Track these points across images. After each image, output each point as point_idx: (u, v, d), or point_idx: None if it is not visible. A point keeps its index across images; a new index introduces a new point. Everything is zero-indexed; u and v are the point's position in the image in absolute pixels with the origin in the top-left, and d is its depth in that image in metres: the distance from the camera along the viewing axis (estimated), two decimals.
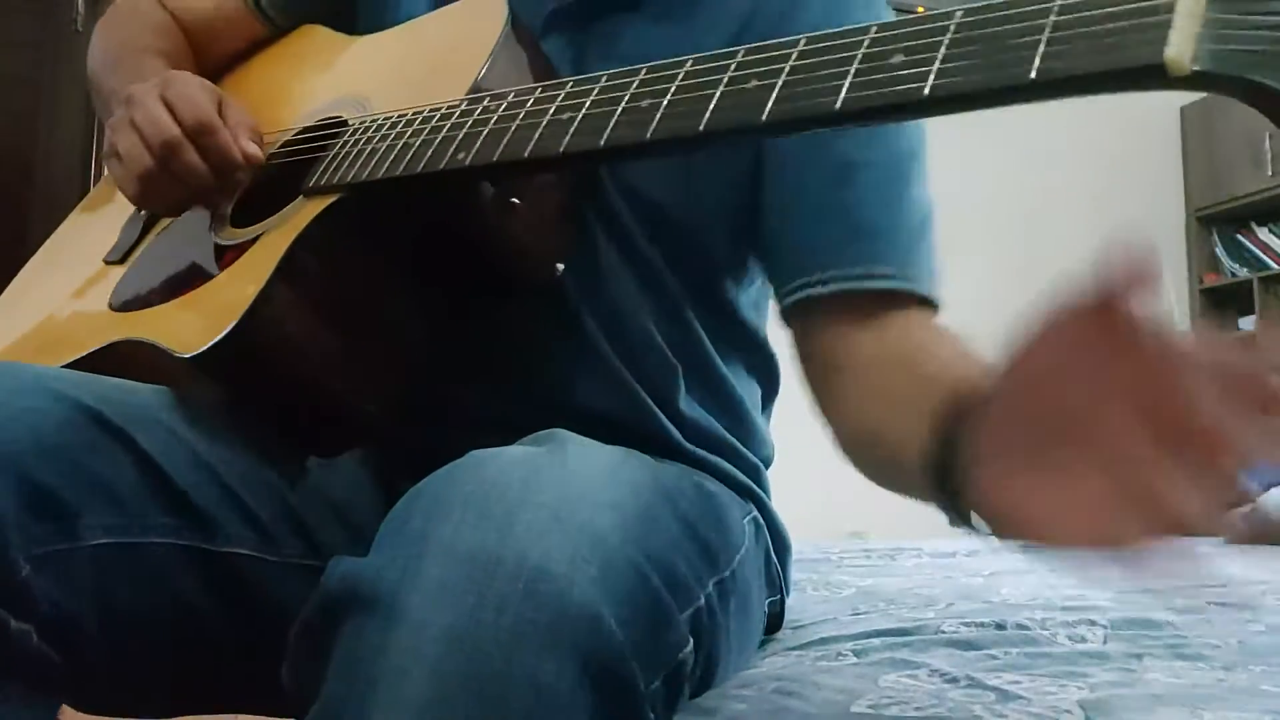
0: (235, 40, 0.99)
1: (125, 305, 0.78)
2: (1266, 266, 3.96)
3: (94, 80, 0.95)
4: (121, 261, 0.83)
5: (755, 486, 0.85)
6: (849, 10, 0.76)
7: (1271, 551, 1.83)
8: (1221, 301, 4.17)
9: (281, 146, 0.82)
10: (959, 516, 0.50)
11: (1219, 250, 4.19)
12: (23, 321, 0.89)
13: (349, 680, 0.46)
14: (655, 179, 0.77)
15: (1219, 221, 4.18)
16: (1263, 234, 4.04)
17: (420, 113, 0.68)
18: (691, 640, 0.56)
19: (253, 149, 0.75)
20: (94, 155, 2.83)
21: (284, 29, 0.98)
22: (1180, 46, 0.39)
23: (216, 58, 0.99)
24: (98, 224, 0.81)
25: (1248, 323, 3.99)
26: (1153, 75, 0.40)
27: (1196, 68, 0.39)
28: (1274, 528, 1.90)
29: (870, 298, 0.70)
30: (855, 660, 0.81)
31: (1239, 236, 4.13)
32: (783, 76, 0.51)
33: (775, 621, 0.92)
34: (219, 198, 0.78)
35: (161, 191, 0.76)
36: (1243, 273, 4.06)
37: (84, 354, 0.73)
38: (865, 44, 0.50)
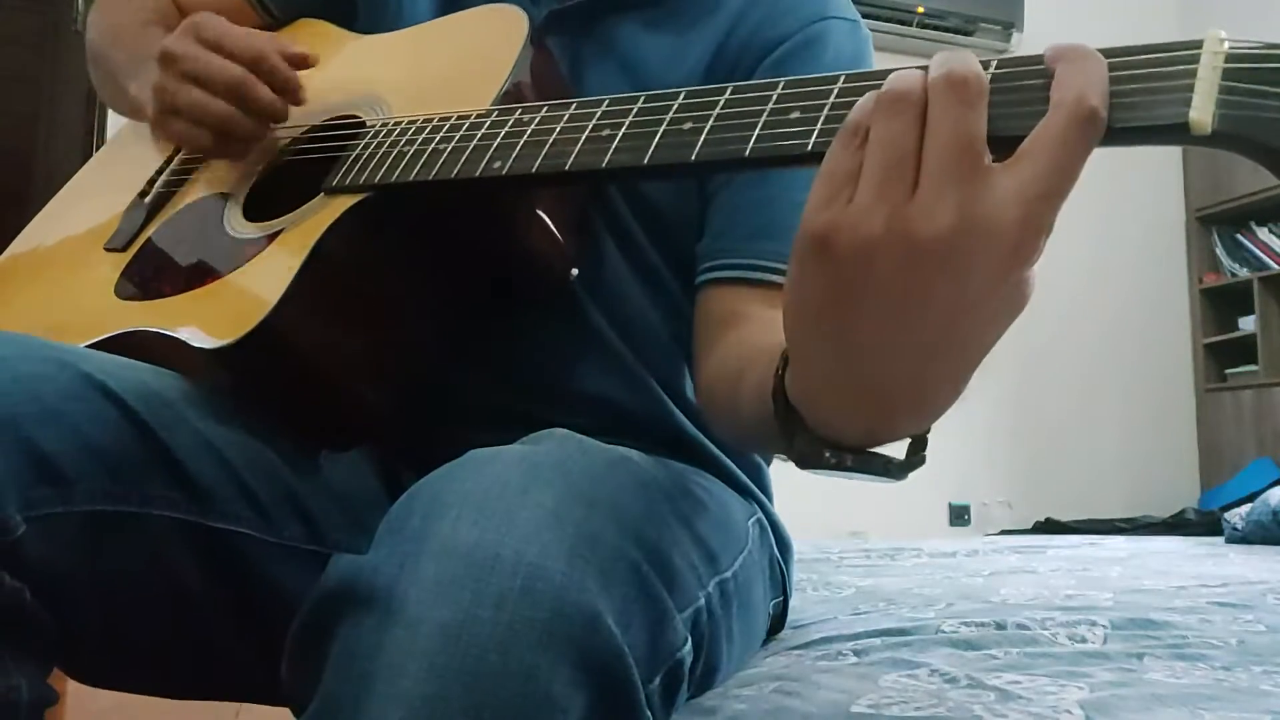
0: None
1: (134, 295, 0.78)
2: (1266, 266, 3.96)
3: (95, 56, 0.94)
4: (124, 249, 0.83)
5: (756, 487, 0.86)
6: (818, 23, 0.80)
7: (1271, 551, 1.83)
8: (1221, 301, 4.17)
9: (291, 143, 0.82)
10: (793, 438, 0.52)
11: (1219, 250, 4.19)
12: (17, 307, 0.89)
13: (346, 677, 0.46)
14: None
15: (1219, 221, 4.19)
16: (1263, 234, 4.04)
17: (448, 119, 0.69)
18: (690, 640, 0.56)
19: (303, 52, 0.77)
20: (94, 153, 2.83)
21: (282, 22, 0.98)
22: (1201, 110, 0.42)
23: None
24: (90, 210, 0.80)
25: (1248, 323, 3.99)
26: (1176, 133, 0.43)
27: (1216, 128, 0.42)
28: None
29: (765, 286, 0.74)
30: (855, 660, 0.81)
31: (1239, 236, 4.14)
32: (825, 110, 0.52)
33: (778, 622, 0.92)
34: (278, 121, 0.79)
35: (238, 133, 0.76)
36: (1243, 273, 4.06)
37: (90, 342, 0.73)
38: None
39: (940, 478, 3.70)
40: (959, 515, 3.82)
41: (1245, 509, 2.11)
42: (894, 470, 0.50)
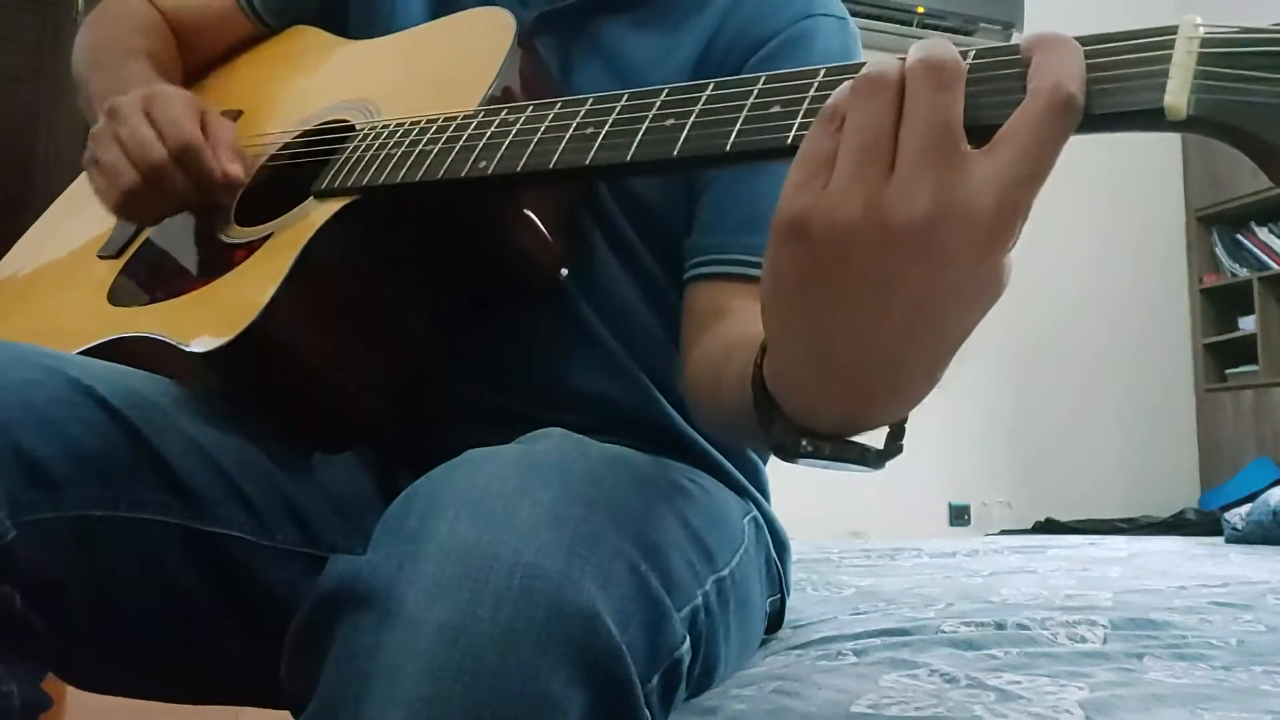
0: (225, 38, 0.99)
1: (127, 300, 0.78)
2: (1266, 266, 3.96)
3: (78, 78, 0.94)
4: (118, 256, 0.83)
5: (753, 487, 0.86)
6: (805, 19, 0.80)
7: (1271, 551, 1.83)
8: (1221, 301, 4.17)
9: (283, 148, 0.82)
10: (774, 427, 0.51)
11: (1219, 250, 4.19)
12: (10, 313, 0.89)
13: (345, 677, 0.45)
14: None
15: (1219, 221, 4.19)
16: (1263, 234, 4.04)
17: (435, 121, 0.69)
18: (688, 638, 0.56)
19: (235, 169, 0.76)
20: None
21: (275, 30, 0.98)
22: (1177, 94, 0.42)
23: (204, 55, 0.99)
24: (85, 218, 0.81)
25: (1248, 323, 3.99)
26: (1153, 118, 0.43)
27: (1191, 113, 0.42)
28: None
29: (750, 280, 0.74)
30: (855, 660, 0.81)
31: (1239, 236, 4.14)
32: (805, 104, 0.52)
33: (776, 620, 0.92)
34: (199, 210, 0.78)
35: (142, 206, 0.76)
36: (1243, 273, 4.06)
37: (86, 347, 0.73)
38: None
39: (940, 478, 3.70)
40: (959, 515, 3.82)
41: (1245, 509, 2.11)
42: (871, 459, 0.50)
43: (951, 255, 0.41)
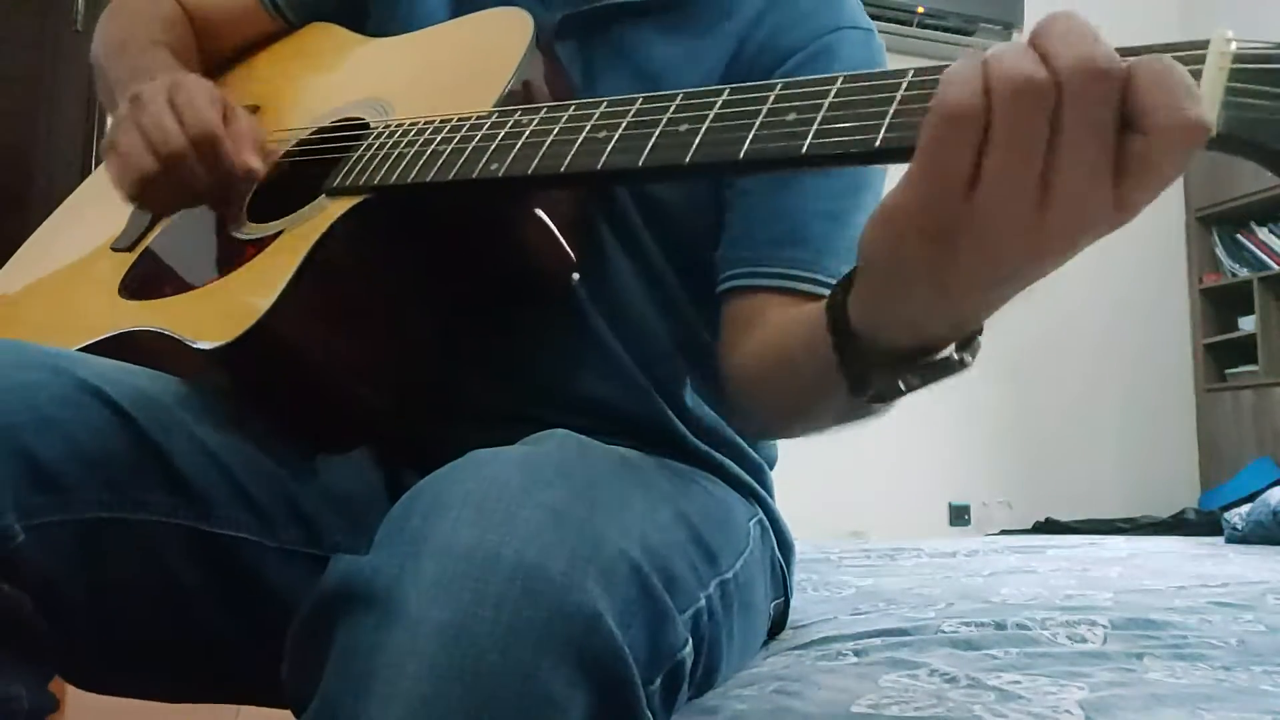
0: (244, 33, 0.99)
1: (137, 294, 0.78)
2: (1266, 266, 3.96)
3: (97, 66, 0.94)
4: (130, 249, 0.83)
5: (759, 487, 0.86)
6: (831, 33, 0.80)
7: (1271, 551, 1.83)
8: (1221, 301, 4.17)
9: (297, 145, 0.82)
10: (861, 373, 0.53)
11: (1219, 250, 4.19)
12: (24, 305, 0.89)
13: (346, 676, 0.46)
14: None
15: (1219, 221, 4.18)
16: (1263, 234, 4.03)
17: (448, 121, 0.69)
18: (691, 640, 0.56)
19: (254, 163, 0.76)
20: (94, 154, 2.83)
21: (295, 25, 0.98)
22: (1207, 111, 0.41)
23: (224, 49, 0.99)
24: (100, 210, 0.81)
25: (1248, 323, 3.99)
26: None
27: (1222, 130, 0.41)
28: None
29: (793, 295, 0.74)
30: (855, 660, 0.81)
31: (1239, 236, 4.13)
32: (821, 112, 0.51)
33: (780, 622, 0.92)
34: (215, 202, 0.78)
35: (158, 194, 0.76)
36: (1243, 273, 4.06)
37: (94, 340, 0.73)
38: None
39: (940, 478, 3.70)
40: (959, 515, 3.82)
41: (1245, 509, 2.11)
42: (965, 364, 0.52)
43: (1081, 248, 0.45)
